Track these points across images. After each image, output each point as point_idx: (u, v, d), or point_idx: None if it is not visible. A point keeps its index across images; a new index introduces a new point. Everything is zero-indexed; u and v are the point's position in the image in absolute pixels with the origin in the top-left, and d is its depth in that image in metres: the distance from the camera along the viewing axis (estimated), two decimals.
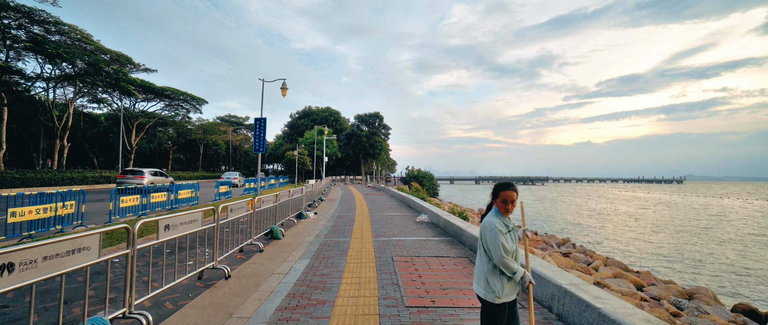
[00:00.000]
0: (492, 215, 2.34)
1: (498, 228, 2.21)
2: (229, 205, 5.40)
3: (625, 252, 17.83)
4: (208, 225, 4.71)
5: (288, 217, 9.90)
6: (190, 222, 4.19)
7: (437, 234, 8.48)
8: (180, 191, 14.43)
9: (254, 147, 20.51)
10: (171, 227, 3.79)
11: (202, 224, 4.47)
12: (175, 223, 3.85)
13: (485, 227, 2.29)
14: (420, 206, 12.73)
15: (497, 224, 2.23)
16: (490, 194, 2.42)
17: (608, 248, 18.86)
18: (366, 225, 9.91)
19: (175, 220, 3.86)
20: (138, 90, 35.34)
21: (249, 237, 6.60)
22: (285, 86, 20.39)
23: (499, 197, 2.30)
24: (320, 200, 17.64)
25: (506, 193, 2.28)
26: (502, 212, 2.29)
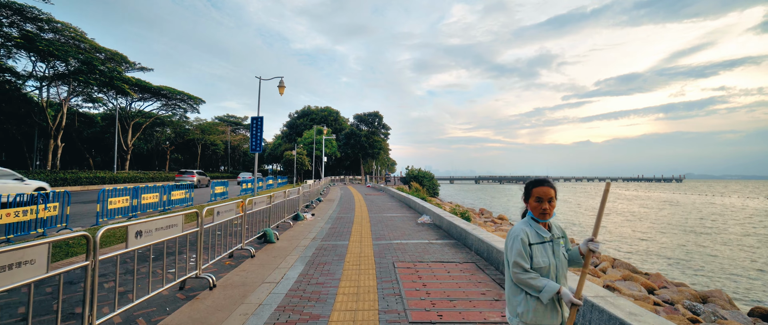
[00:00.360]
0: (522, 221, 1.91)
1: (522, 237, 1.79)
2: (216, 207, 4.95)
3: (631, 253, 17.42)
4: (190, 230, 4.26)
5: (284, 219, 9.46)
6: (168, 227, 3.75)
7: (440, 237, 8.04)
8: (173, 192, 13.99)
9: (251, 147, 20.07)
10: (144, 234, 3.34)
11: (183, 228, 4.03)
12: (148, 229, 3.41)
13: (509, 235, 1.89)
14: (421, 207, 12.30)
15: (524, 232, 1.81)
16: (521, 196, 1.97)
17: (613, 248, 18.45)
18: (365, 227, 9.47)
19: (148, 225, 3.41)
20: (133, 89, 34.83)
21: (240, 241, 6.16)
22: (282, 84, 19.95)
23: (532, 195, 1.86)
24: (318, 201, 17.20)
25: (540, 189, 1.83)
26: (537, 214, 1.83)
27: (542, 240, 1.83)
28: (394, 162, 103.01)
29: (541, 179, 1.90)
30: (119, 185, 28.15)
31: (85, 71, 24.44)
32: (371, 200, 18.38)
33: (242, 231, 6.13)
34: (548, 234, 1.86)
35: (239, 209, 5.94)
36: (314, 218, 11.28)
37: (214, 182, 18.23)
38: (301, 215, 10.72)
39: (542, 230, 1.85)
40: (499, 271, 5.18)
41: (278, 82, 20.16)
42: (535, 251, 1.79)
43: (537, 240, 1.81)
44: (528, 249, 1.79)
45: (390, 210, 13.71)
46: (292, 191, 10.57)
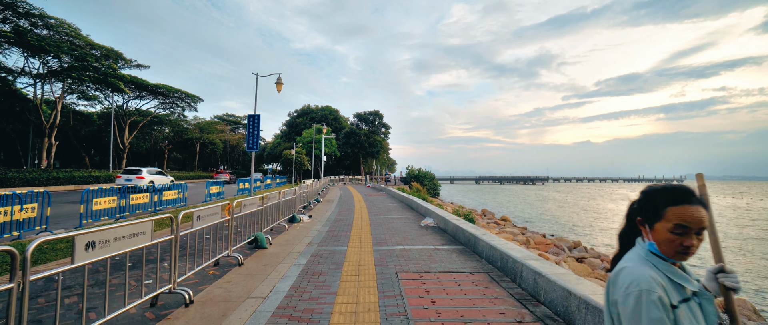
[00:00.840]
0: (642, 260, 1.15)
1: (659, 295, 1.04)
2: (197, 211, 4.38)
3: None
4: (162, 238, 3.69)
5: (278, 221, 8.89)
6: (133, 236, 3.17)
7: (446, 242, 7.47)
8: (165, 193, 13.42)
9: (248, 145, 19.50)
10: (99, 245, 2.77)
11: (152, 237, 3.45)
12: (104, 239, 2.84)
13: (629, 289, 1.07)
14: (424, 209, 11.72)
15: (659, 285, 1.06)
16: (631, 208, 1.27)
17: None
18: (365, 230, 8.89)
19: (104, 234, 2.84)
20: (129, 87, 34.26)
21: (227, 247, 5.58)
22: (280, 81, 19.39)
23: (667, 218, 1.11)
24: (316, 202, 16.62)
25: (686, 210, 1.10)
26: (672, 252, 1.11)
27: (685, 296, 1.10)
28: (394, 162, 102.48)
29: (682, 189, 1.15)
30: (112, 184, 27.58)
31: (79, 68, 23.86)
32: (371, 201, 17.81)
33: (229, 236, 5.55)
34: (692, 283, 1.14)
35: (225, 213, 5.36)
36: (311, 219, 10.71)
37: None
38: (297, 217, 10.14)
39: (680, 276, 1.12)
40: (515, 283, 4.60)
41: (276, 79, 19.62)
42: (682, 317, 1.05)
43: (679, 297, 1.09)
44: (671, 316, 1.04)
45: (391, 212, 13.14)
46: (288, 192, 10.00)
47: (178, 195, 14.27)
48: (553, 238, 18.49)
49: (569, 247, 16.60)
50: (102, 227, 2.84)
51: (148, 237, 3.39)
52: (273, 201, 8.20)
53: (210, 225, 4.78)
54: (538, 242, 16.69)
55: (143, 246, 3.31)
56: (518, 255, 4.79)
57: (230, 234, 5.55)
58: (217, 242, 5.53)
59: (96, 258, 2.75)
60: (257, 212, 7.16)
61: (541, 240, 16.93)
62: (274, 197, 8.25)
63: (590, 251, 16.10)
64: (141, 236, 3.28)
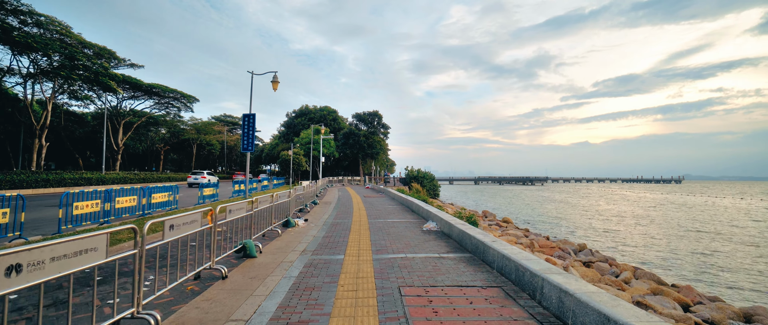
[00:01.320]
0: None
1: None
2: (170, 220, 3.80)
3: (647, 259, 16.32)
4: (123, 253, 3.11)
5: (271, 226, 8.31)
6: (80, 253, 2.60)
7: (452, 248, 6.91)
8: (154, 195, 12.82)
9: (242, 145, 18.92)
10: (26, 269, 2.20)
11: (108, 253, 2.87)
12: (39, 259, 2.26)
13: None
14: (425, 211, 11.16)
15: None
16: None
17: (628, 254, 17.35)
18: (364, 236, 8.32)
19: (40, 253, 2.27)
20: (124, 86, 33.62)
21: (210, 258, 5.01)
22: (276, 79, 18.84)
23: None
24: (313, 204, 16.05)
25: None
26: None
27: None
28: (393, 163, 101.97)
29: None
30: (103, 186, 26.93)
31: (68, 66, 23.18)
32: (370, 203, 17.23)
33: (212, 246, 4.97)
34: None
35: (207, 219, 4.79)
36: (307, 224, 10.13)
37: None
38: (292, 221, 9.56)
39: None
40: (535, 301, 4.04)
41: (272, 78, 19.07)
42: None
43: None
44: None
45: (391, 215, 12.58)
46: (282, 195, 9.42)
47: (169, 197, 13.67)
48: (558, 241, 17.96)
49: (575, 250, 16.06)
50: (34, 245, 2.27)
51: (103, 254, 2.81)
52: (265, 205, 7.62)
53: (187, 235, 4.20)
54: (543, 245, 16.15)
55: (95, 265, 2.74)
56: (537, 267, 4.23)
57: (213, 243, 4.97)
58: (200, 252, 4.96)
59: (22, 285, 2.17)
60: (247, 218, 6.59)
61: (545, 243, 16.39)
62: (266, 201, 7.68)
63: (596, 254, 15.56)
64: (91, 254, 2.70)
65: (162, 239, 3.64)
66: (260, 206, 7.30)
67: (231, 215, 5.60)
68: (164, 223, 3.67)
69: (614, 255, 17.39)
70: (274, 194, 8.58)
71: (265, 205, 7.61)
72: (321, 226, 9.85)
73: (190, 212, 4.30)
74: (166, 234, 3.67)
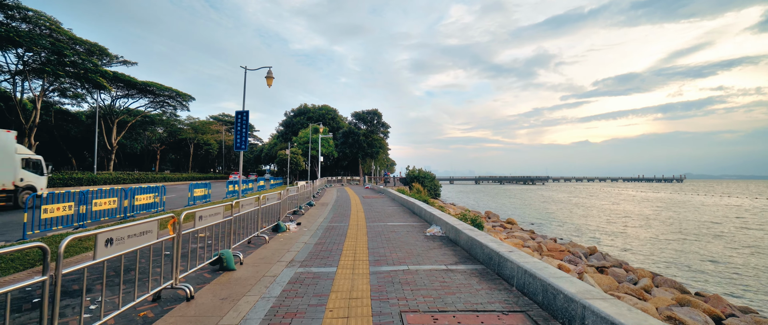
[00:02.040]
0: None
1: None
2: (108, 233, 2.96)
3: (661, 263, 15.48)
4: (23, 283, 2.27)
5: (258, 231, 7.48)
6: None
7: (460, 258, 6.08)
8: (138, 196, 11.99)
9: (235, 144, 18.12)
10: None
11: None
12: None
13: None
14: (428, 214, 10.33)
15: None
16: None
17: (640, 257, 16.50)
18: (361, 242, 7.49)
19: None
20: (118, 85, 32.80)
21: (172, 275, 4.17)
22: (270, 75, 18.01)
23: None
24: (309, 206, 15.22)
25: None
26: None
27: None
28: (393, 162, 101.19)
29: None
30: (95, 187, 26.13)
31: (55, 62, 22.33)
32: (369, 204, 16.41)
33: (175, 261, 4.13)
34: None
35: (168, 229, 3.95)
36: (300, 228, 9.30)
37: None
38: (282, 225, 8.73)
39: None
40: None
41: (266, 73, 18.26)
42: None
43: None
44: None
45: (391, 217, 11.74)
46: (272, 197, 8.59)
47: (154, 199, 12.84)
48: (566, 243, 17.12)
49: (585, 253, 15.23)
50: None
51: None
52: (248, 209, 6.78)
53: (135, 249, 3.36)
54: (551, 249, 15.32)
55: None
56: (572, 289, 3.39)
57: (176, 257, 4.13)
58: (167, 265, 4.13)
59: None
60: (225, 224, 5.75)
61: (553, 246, 15.56)
62: (250, 204, 6.84)
63: (608, 258, 14.72)
64: None
65: (93, 258, 2.80)
66: (243, 209, 6.46)
67: (202, 222, 4.76)
68: (96, 238, 2.82)
69: (626, 258, 16.54)
70: (260, 196, 7.75)
71: (249, 209, 6.77)
72: (314, 230, 9.02)
73: (144, 222, 3.46)
74: (98, 252, 2.83)
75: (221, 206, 5.33)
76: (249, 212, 6.84)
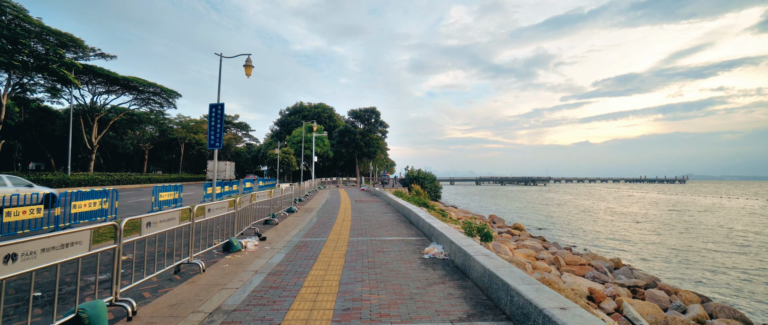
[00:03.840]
0: None
1: None
2: None
3: (693, 277, 13.42)
4: None
5: (190, 257, 5.43)
6: None
7: (474, 306, 4.02)
8: (76, 203, 9.93)
9: (209, 141, 16.02)
10: None
11: None
12: None
13: None
14: (427, 227, 8.28)
15: None
16: None
17: (669, 270, 14.44)
18: (334, 270, 5.45)
19: None
20: (97, 79, 30.73)
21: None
22: (249, 63, 16.02)
23: None
24: (289, 212, 13.19)
25: None
26: None
27: None
28: (393, 163, 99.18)
29: None
30: (72, 188, 24.11)
31: (11, 52, 20.24)
32: (360, 211, 14.36)
33: None
34: None
35: None
36: (261, 245, 7.25)
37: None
38: (237, 242, 6.68)
39: None
40: None
41: (245, 62, 16.30)
42: None
43: None
44: None
45: (382, 228, 9.69)
46: (219, 207, 6.52)
47: (99, 205, 10.76)
48: (585, 254, 15.04)
49: (609, 268, 13.16)
50: None
51: None
52: (166, 226, 4.72)
53: None
54: (570, 262, 13.26)
55: None
56: None
57: None
58: None
59: None
60: (130, 247, 3.71)
61: (572, 259, 13.49)
62: (165, 221, 4.78)
63: (638, 274, 12.67)
64: None
65: None
66: (154, 229, 4.41)
67: (38, 261, 2.70)
68: None
69: (652, 270, 14.50)
70: (206, 207, 5.71)
71: (168, 226, 4.71)
72: (280, 248, 6.98)
73: None
74: None
75: (83, 233, 3.27)
76: (166, 232, 4.78)
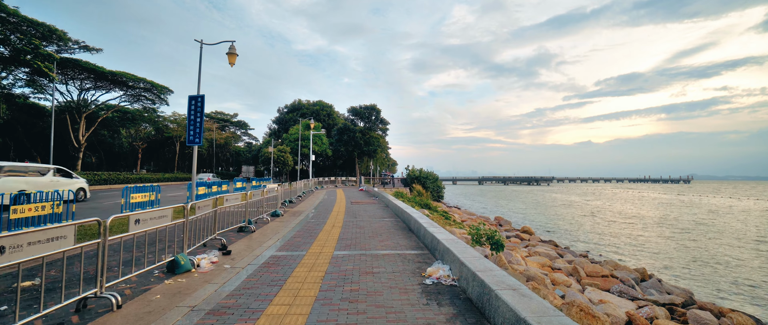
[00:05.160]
0: None
1: None
2: None
3: (726, 289, 11.87)
4: None
5: (120, 280, 3.95)
6: None
7: None
8: (16, 207, 8.48)
9: (188, 137, 14.50)
10: None
11: None
12: None
13: None
14: (430, 238, 6.77)
15: None
16: None
17: (700, 280, 12.89)
18: (302, 304, 3.96)
19: None
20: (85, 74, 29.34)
21: None
22: (233, 51, 14.55)
23: None
24: (273, 216, 11.71)
25: None
26: None
27: None
28: (395, 162, 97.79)
29: None
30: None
31: None
32: (354, 214, 12.87)
33: None
34: None
35: None
36: (220, 262, 5.77)
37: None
38: (185, 261, 5.20)
39: None
40: None
41: (228, 49, 14.84)
42: None
43: None
44: None
45: (377, 238, 8.20)
46: (160, 215, 5.03)
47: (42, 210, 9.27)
48: (605, 263, 13.50)
49: (636, 279, 11.62)
50: None
51: None
52: (52, 248, 3.24)
53: None
54: (591, 273, 11.72)
55: None
56: None
57: None
58: None
59: None
60: None
61: (592, 269, 11.94)
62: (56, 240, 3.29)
63: (668, 286, 11.14)
64: None
65: None
66: (37, 251, 2.92)
67: None
68: None
69: (680, 279, 12.97)
70: (136, 218, 4.25)
71: (53, 249, 3.21)
72: (242, 268, 5.50)
73: None
74: None
75: None
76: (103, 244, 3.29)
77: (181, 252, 5.48)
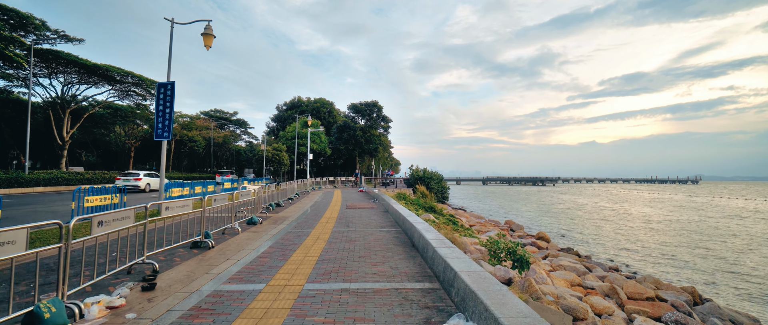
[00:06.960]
0: None
1: None
2: None
3: None
4: None
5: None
6: None
7: None
8: None
9: (156, 130, 12.64)
10: None
11: None
12: None
13: None
14: (443, 267, 4.78)
15: None
16: None
17: (757, 299, 10.84)
18: None
19: None
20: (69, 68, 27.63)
21: None
22: (209, 31, 12.68)
23: None
24: (250, 224, 9.78)
25: None
26: None
27: None
28: (397, 162, 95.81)
29: None
30: (17, 189, 21.01)
31: None
32: (348, 223, 10.91)
33: None
34: None
35: None
36: (134, 304, 3.84)
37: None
38: (54, 310, 3.27)
39: None
40: None
41: (204, 29, 12.99)
42: None
43: None
44: None
45: (368, 259, 6.23)
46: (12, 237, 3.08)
47: None
48: (643, 279, 11.44)
49: (687, 302, 9.59)
50: None
51: None
52: None
53: None
54: (633, 295, 9.69)
55: None
56: None
57: None
58: None
59: None
60: None
61: (634, 289, 9.90)
62: None
63: (729, 312, 9.11)
64: None
65: None
66: None
67: None
68: None
69: (732, 301, 10.94)
70: None
71: None
72: (157, 316, 3.56)
73: None
74: None
75: None
76: None
77: (55, 295, 3.55)
